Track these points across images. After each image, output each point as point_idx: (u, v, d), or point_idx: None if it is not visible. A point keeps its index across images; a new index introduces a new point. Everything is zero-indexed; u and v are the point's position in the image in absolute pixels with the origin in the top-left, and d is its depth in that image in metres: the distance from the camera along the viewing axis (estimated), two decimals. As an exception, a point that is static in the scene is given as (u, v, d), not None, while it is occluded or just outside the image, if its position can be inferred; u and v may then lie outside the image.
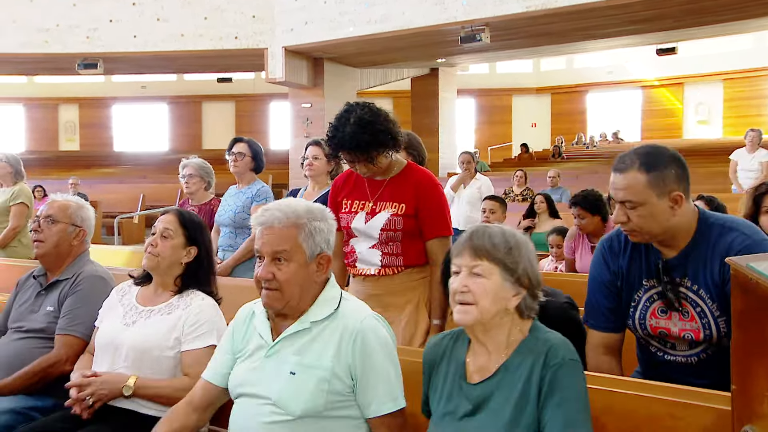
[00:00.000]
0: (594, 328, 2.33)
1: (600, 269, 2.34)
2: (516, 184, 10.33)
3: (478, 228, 1.90)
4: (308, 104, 13.92)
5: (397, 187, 2.91)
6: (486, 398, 1.82)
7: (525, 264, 1.85)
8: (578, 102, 25.03)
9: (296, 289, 2.01)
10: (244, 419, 2.03)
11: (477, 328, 1.85)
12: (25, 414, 2.70)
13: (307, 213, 2.05)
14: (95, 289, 2.94)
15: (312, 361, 1.98)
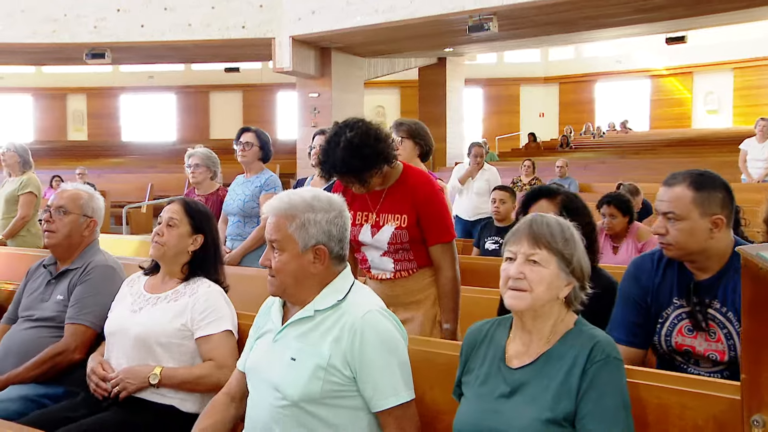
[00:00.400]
0: (618, 343, 2.32)
1: (631, 285, 2.38)
2: (524, 173, 10.30)
3: (536, 217, 1.92)
4: (316, 94, 13.91)
5: (396, 197, 2.90)
6: (524, 383, 1.84)
7: (579, 255, 1.89)
8: (586, 91, 24.92)
9: (289, 278, 2.05)
10: (256, 401, 2.08)
11: (527, 315, 1.88)
12: (37, 401, 2.73)
13: (305, 205, 2.06)
14: (105, 278, 2.96)
15: (311, 348, 2.01)
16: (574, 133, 20.70)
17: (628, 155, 16.12)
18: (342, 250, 2.11)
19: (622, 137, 20.72)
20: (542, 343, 1.88)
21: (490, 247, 5.59)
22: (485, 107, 25.54)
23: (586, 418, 1.75)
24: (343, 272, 2.13)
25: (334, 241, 2.08)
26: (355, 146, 2.76)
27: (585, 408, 1.75)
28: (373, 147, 2.72)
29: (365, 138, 2.77)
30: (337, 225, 2.09)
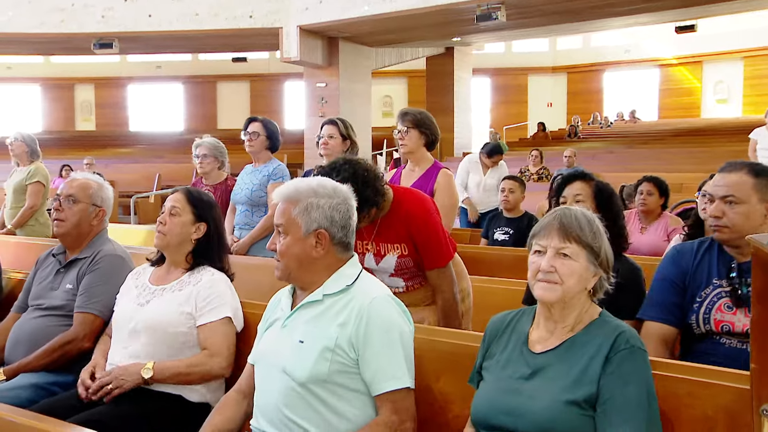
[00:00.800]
0: (654, 320, 2.46)
1: (670, 267, 2.50)
2: (532, 163, 10.29)
3: (564, 211, 1.95)
4: (323, 84, 13.88)
5: (391, 227, 2.85)
6: (546, 366, 1.88)
7: (605, 247, 1.93)
8: (595, 81, 24.81)
9: (292, 261, 2.10)
10: (264, 388, 2.10)
11: (557, 306, 1.91)
12: (47, 389, 2.75)
13: (310, 190, 2.11)
14: (113, 267, 2.97)
15: (319, 330, 2.04)
16: (582, 123, 20.62)
17: (636, 145, 16.06)
18: (346, 237, 2.14)
19: (631, 127, 20.64)
20: (566, 331, 1.91)
21: (499, 238, 5.58)
22: (493, 97, 25.45)
23: (608, 404, 1.76)
24: (351, 260, 2.17)
25: (336, 227, 2.10)
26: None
27: (607, 394, 1.77)
28: (361, 193, 2.53)
29: (352, 184, 2.60)
30: (339, 211, 2.11)
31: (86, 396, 2.49)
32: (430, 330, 2.40)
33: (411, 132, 3.79)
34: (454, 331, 2.47)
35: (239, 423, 2.21)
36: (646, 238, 4.93)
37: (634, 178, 5.90)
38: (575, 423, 1.78)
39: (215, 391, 2.59)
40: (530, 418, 1.81)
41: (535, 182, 9.77)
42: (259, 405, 2.11)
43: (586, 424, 1.78)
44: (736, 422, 1.81)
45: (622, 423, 1.74)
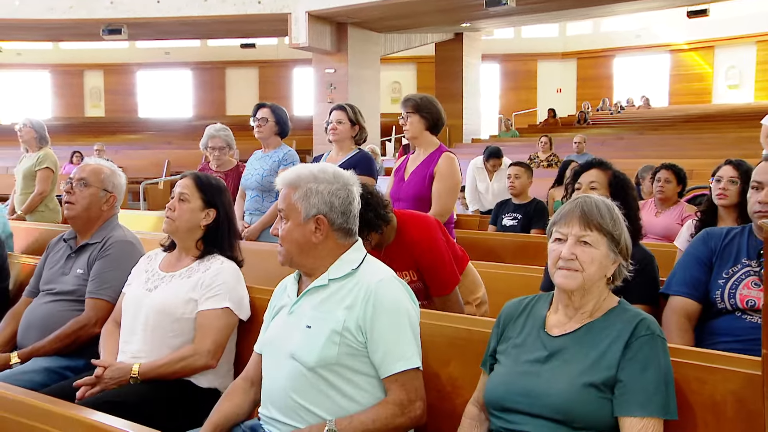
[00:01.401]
0: (678, 294, 2.53)
1: (699, 246, 2.59)
2: (541, 149, 10.24)
3: (585, 199, 1.95)
4: (332, 70, 13.86)
5: (397, 255, 2.84)
6: (564, 348, 1.89)
7: (625, 235, 1.94)
8: (605, 67, 24.65)
9: (293, 246, 2.11)
10: (273, 374, 2.11)
11: (577, 293, 1.92)
12: (60, 373, 2.78)
13: (310, 175, 2.11)
14: (124, 253, 2.98)
15: (326, 314, 2.05)
16: (592, 109, 20.50)
17: (646, 131, 15.96)
18: (346, 223, 2.13)
19: (641, 113, 20.51)
20: (585, 316, 1.92)
21: (508, 223, 5.58)
22: (502, 83, 25.33)
23: (626, 388, 1.77)
24: (355, 245, 2.17)
25: (335, 213, 2.10)
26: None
27: (626, 378, 1.78)
28: (362, 215, 2.42)
29: None
30: (339, 197, 2.11)
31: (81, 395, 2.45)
32: (438, 315, 2.40)
33: (412, 117, 3.79)
34: (463, 316, 2.47)
35: (247, 410, 2.22)
36: (660, 220, 4.96)
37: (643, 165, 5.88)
38: (592, 405, 1.79)
39: (223, 377, 2.60)
40: (547, 400, 1.81)
41: (545, 168, 9.72)
42: (267, 392, 2.12)
43: (603, 407, 1.79)
44: (745, 408, 1.80)
45: (639, 408, 1.75)
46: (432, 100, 3.86)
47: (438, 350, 2.26)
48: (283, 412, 2.04)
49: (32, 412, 1.69)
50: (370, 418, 1.97)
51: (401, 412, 1.97)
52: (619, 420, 1.78)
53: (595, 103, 21.90)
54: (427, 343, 2.23)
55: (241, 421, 2.18)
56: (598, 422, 1.79)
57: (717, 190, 3.39)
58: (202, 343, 2.53)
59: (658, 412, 1.75)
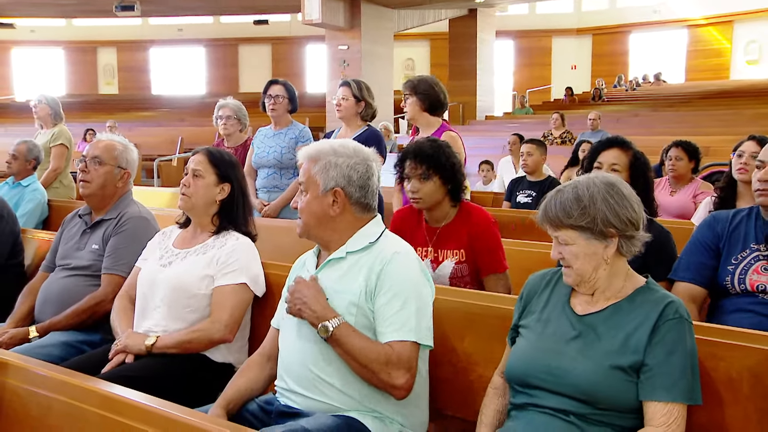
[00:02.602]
0: (683, 280, 2.53)
1: (705, 231, 2.58)
2: (553, 126, 10.19)
3: (549, 198, 1.92)
4: (345, 46, 13.79)
5: (452, 234, 2.96)
6: (591, 329, 1.87)
7: (603, 214, 1.85)
8: (620, 43, 24.39)
9: (312, 218, 2.13)
10: (291, 345, 2.12)
11: (583, 287, 1.92)
12: (77, 347, 2.82)
13: (330, 149, 2.13)
14: (139, 229, 2.99)
15: (344, 287, 2.06)
16: (606, 86, 20.31)
17: (661, 108, 15.82)
18: (365, 198, 2.13)
19: (656, 89, 20.32)
20: (610, 296, 1.90)
21: (522, 200, 5.56)
22: (516, 60, 25.14)
23: (652, 372, 1.76)
24: (374, 219, 2.18)
25: (353, 186, 2.11)
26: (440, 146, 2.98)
27: (652, 361, 1.77)
28: (452, 179, 2.93)
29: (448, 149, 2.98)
30: (357, 171, 2.12)
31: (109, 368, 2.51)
32: (453, 291, 2.40)
33: (409, 99, 3.82)
34: (479, 292, 2.47)
35: (262, 385, 2.23)
36: (674, 199, 4.94)
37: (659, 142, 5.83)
38: (618, 388, 1.78)
39: (238, 352, 2.62)
40: (572, 380, 1.80)
41: (559, 146, 9.67)
42: (285, 364, 2.13)
43: (628, 390, 1.78)
44: (761, 384, 1.79)
45: (665, 392, 1.74)
46: (431, 81, 3.86)
47: (453, 326, 2.27)
48: (301, 383, 2.06)
49: (52, 384, 1.72)
50: (364, 345, 1.97)
51: (385, 362, 1.95)
52: (643, 404, 1.77)
53: (610, 79, 21.68)
54: (443, 319, 2.24)
55: (256, 396, 2.20)
56: (622, 404, 1.78)
57: (738, 165, 3.35)
58: (218, 317, 2.54)
59: (683, 398, 1.74)
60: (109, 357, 2.51)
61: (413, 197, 2.95)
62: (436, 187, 2.92)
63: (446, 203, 2.98)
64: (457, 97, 17.98)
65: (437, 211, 2.98)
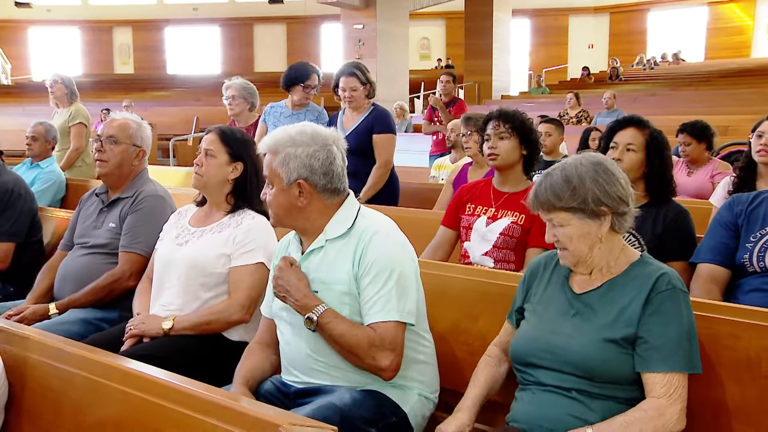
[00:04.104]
0: (704, 262, 2.52)
1: (725, 212, 2.58)
2: (569, 106, 10.11)
3: (539, 182, 1.93)
4: (360, 25, 13.72)
5: (518, 200, 3.01)
6: (587, 306, 1.89)
7: (594, 193, 1.86)
8: (638, 22, 24.08)
9: (281, 210, 2.11)
10: (291, 340, 2.12)
11: (580, 267, 1.93)
12: (96, 324, 2.85)
13: (288, 139, 2.08)
14: (155, 207, 3.01)
15: (331, 276, 2.05)
16: (625, 65, 20.09)
17: (679, 87, 15.64)
18: (330, 183, 2.09)
19: (675, 68, 20.08)
20: (606, 273, 1.91)
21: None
22: (532, 39, 24.92)
23: (648, 343, 1.78)
24: (347, 201, 2.14)
25: (317, 175, 2.07)
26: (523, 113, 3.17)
27: (647, 333, 1.78)
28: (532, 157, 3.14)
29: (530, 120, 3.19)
30: (318, 159, 2.07)
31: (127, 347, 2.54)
32: (469, 270, 2.41)
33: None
34: (496, 271, 2.47)
35: (269, 368, 2.24)
36: (691, 179, 4.94)
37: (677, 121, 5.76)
38: (613, 362, 1.80)
39: (254, 331, 2.61)
40: (570, 357, 1.83)
41: (575, 125, 9.60)
42: (289, 359, 2.14)
43: (624, 362, 1.79)
44: (780, 364, 1.78)
45: (662, 363, 1.75)
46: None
47: (468, 305, 2.27)
48: (309, 374, 2.07)
49: (73, 360, 1.74)
50: (345, 330, 1.97)
51: (368, 345, 1.96)
52: (642, 376, 1.78)
53: (628, 59, 21.43)
54: (457, 298, 2.24)
55: (267, 376, 2.21)
56: (620, 377, 1.80)
57: (758, 146, 3.29)
58: (236, 298, 2.56)
59: (682, 367, 1.75)
60: (123, 339, 2.54)
61: (491, 153, 3.08)
62: (513, 147, 3.06)
63: (519, 169, 3.12)
64: (473, 76, 17.87)
65: (509, 174, 3.11)
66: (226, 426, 1.35)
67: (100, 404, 1.66)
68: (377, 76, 13.37)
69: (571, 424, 1.79)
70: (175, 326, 2.52)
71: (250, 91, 5.04)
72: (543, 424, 1.83)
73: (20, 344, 1.89)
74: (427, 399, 2.12)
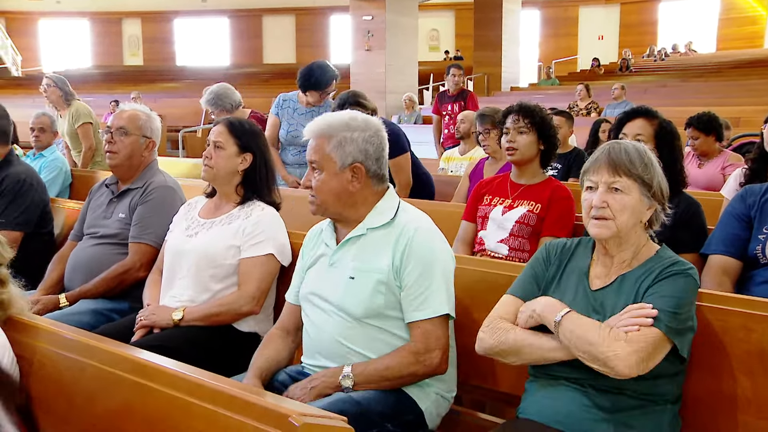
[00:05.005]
0: (716, 253, 2.49)
1: (737, 204, 2.55)
2: (579, 98, 10.07)
3: (613, 145, 1.91)
4: (369, 17, 13.68)
5: (534, 191, 3.10)
6: (602, 302, 1.87)
7: (659, 179, 1.88)
8: (649, 12, 23.93)
9: (328, 196, 2.10)
10: (318, 323, 2.12)
11: (612, 242, 1.90)
12: (107, 315, 2.86)
13: (342, 124, 2.09)
14: (165, 198, 3.02)
15: (369, 265, 2.06)
16: (636, 57, 19.97)
17: (690, 78, 15.55)
18: (380, 169, 2.13)
19: (686, 59, 19.97)
20: (623, 266, 1.90)
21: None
22: (542, 30, 24.82)
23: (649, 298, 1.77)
24: (388, 192, 2.17)
25: (371, 160, 2.10)
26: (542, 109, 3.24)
27: (648, 298, 1.77)
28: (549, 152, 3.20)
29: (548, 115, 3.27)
30: (373, 144, 2.10)
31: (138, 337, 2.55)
32: (478, 261, 2.40)
33: None
34: (504, 262, 2.46)
35: (287, 356, 2.24)
36: (702, 172, 4.91)
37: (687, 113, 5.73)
38: None
39: (263, 322, 2.64)
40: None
41: (584, 117, 9.56)
42: (313, 342, 2.14)
43: None
44: (793, 357, 1.77)
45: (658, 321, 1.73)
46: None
47: (479, 297, 2.26)
48: (334, 359, 2.07)
49: (84, 349, 1.74)
50: (384, 365, 2.00)
51: (416, 360, 1.99)
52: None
53: (638, 50, 21.30)
54: (467, 290, 2.23)
55: (283, 366, 2.21)
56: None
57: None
58: (246, 290, 2.56)
59: (665, 329, 1.72)
60: (134, 329, 2.55)
61: (509, 146, 3.11)
62: (531, 142, 3.11)
63: (536, 163, 3.16)
64: (482, 68, 17.81)
65: (526, 168, 3.15)
66: (236, 416, 1.35)
67: (112, 394, 1.66)
68: (386, 68, 13.42)
69: (583, 417, 1.78)
70: (185, 317, 2.53)
71: (220, 96, 4.97)
72: (555, 417, 1.82)
73: (31, 335, 1.89)
74: (443, 398, 2.13)
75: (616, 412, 1.77)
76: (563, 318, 1.79)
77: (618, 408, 1.77)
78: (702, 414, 1.75)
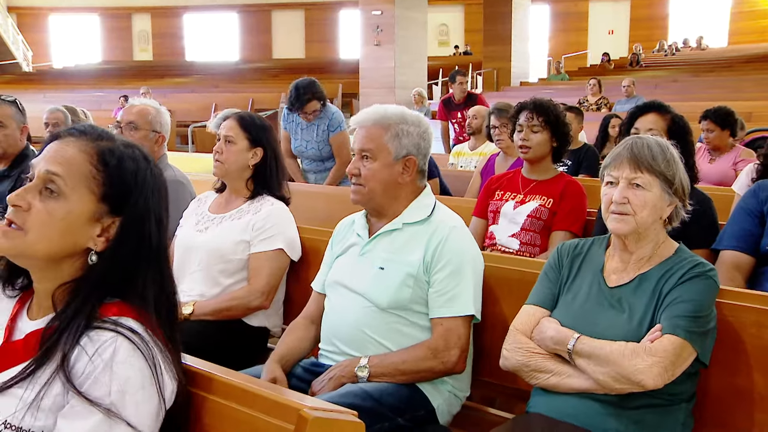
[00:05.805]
0: (727, 249, 2.48)
1: (749, 199, 2.53)
2: (590, 93, 10.03)
3: (635, 140, 1.89)
4: (379, 11, 13.64)
5: (546, 186, 3.10)
6: (620, 300, 1.86)
7: (680, 175, 1.87)
8: (660, 7, 23.79)
9: (378, 186, 2.11)
10: (340, 308, 2.14)
11: (630, 237, 1.88)
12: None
13: (398, 116, 2.13)
14: (175, 193, 2.96)
15: (400, 257, 2.07)
16: (646, 51, 19.86)
17: (701, 73, 15.47)
18: (425, 165, 2.18)
19: (697, 54, 19.86)
20: (642, 263, 1.88)
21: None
22: (552, 25, 24.73)
23: (661, 318, 1.76)
24: (426, 190, 2.20)
25: (422, 155, 2.15)
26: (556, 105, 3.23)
27: (667, 300, 1.77)
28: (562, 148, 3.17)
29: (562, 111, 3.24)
30: (425, 139, 2.16)
31: None
32: (492, 257, 2.38)
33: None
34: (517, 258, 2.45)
35: (309, 346, 2.25)
36: (713, 167, 4.91)
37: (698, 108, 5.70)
38: None
39: (273, 317, 2.65)
40: None
41: (595, 112, 9.52)
42: (333, 327, 2.15)
43: None
44: (806, 352, 1.76)
45: (668, 323, 1.73)
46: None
47: (489, 290, 2.25)
48: (351, 345, 2.08)
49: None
50: (402, 358, 2.01)
51: (433, 356, 2.00)
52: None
53: (648, 45, 21.19)
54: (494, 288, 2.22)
55: (304, 356, 2.23)
56: None
57: None
58: (256, 285, 2.57)
59: (681, 338, 1.70)
60: None
61: (522, 145, 3.11)
62: (544, 140, 3.09)
63: (549, 160, 3.15)
64: (492, 62, 17.76)
65: (539, 164, 3.14)
66: (246, 409, 1.34)
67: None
68: (395, 63, 13.39)
69: (595, 412, 1.77)
70: (195, 312, 2.53)
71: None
72: (565, 411, 1.81)
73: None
74: (456, 397, 2.13)
75: (628, 408, 1.76)
76: (576, 344, 1.79)
77: (630, 404, 1.76)
78: (716, 411, 1.74)
